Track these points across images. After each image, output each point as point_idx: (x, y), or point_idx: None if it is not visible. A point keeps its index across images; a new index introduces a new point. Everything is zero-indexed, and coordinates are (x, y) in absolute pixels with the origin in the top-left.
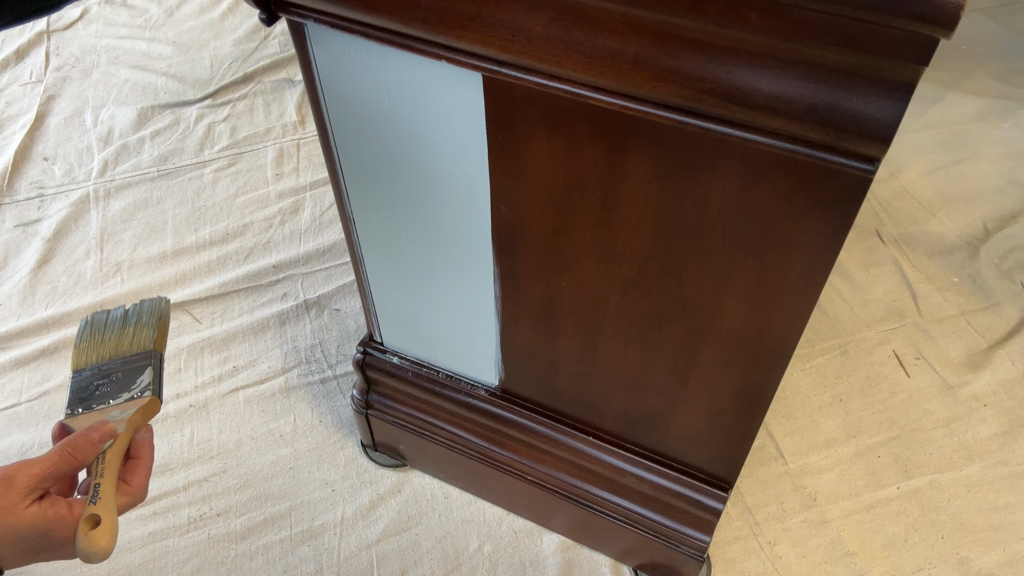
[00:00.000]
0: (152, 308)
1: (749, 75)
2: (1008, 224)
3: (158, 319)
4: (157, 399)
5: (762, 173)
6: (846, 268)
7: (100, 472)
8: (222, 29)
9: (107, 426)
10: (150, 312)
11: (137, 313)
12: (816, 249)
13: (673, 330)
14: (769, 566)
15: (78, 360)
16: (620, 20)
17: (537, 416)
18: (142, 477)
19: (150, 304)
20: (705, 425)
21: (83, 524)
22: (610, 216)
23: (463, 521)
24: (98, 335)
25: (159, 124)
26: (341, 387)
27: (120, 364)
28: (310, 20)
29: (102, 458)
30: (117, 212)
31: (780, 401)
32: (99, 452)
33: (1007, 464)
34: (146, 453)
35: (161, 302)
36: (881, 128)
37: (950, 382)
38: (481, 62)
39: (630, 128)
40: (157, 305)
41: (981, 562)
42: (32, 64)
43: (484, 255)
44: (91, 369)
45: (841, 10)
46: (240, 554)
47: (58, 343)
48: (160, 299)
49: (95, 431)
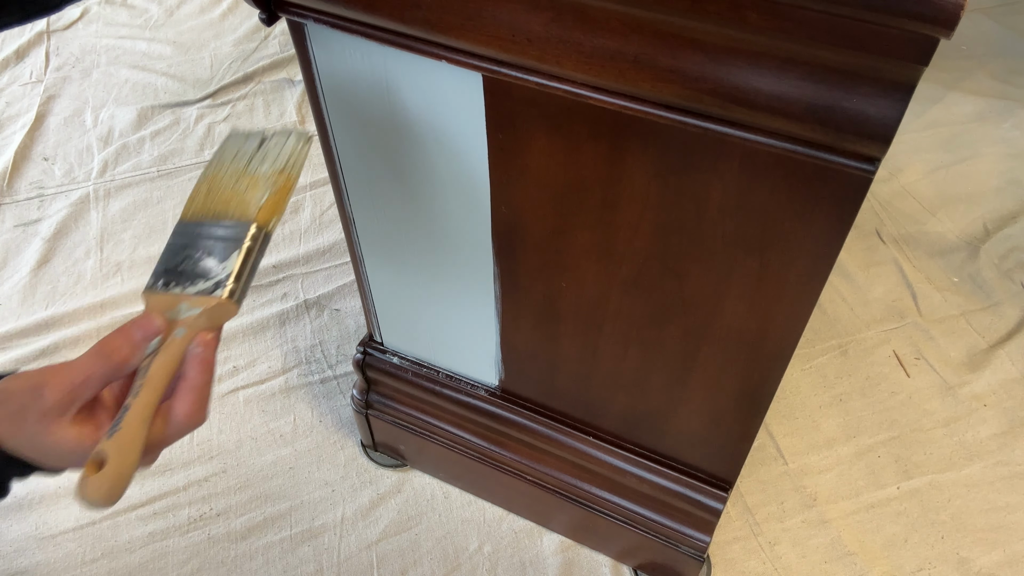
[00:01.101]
0: (279, 152)
1: (749, 75)
2: (1008, 224)
3: (280, 170)
4: (233, 303)
5: (762, 173)
6: (846, 268)
7: (137, 390)
8: (222, 29)
9: (154, 322)
10: (276, 158)
11: (265, 154)
12: (816, 249)
13: (673, 330)
14: (769, 566)
15: (189, 207)
16: (620, 20)
17: (537, 416)
18: (188, 402)
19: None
20: (705, 425)
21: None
22: (610, 216)
23: (463, 521)
24: (220, 175)
25: (159, 124)
26: (341, 387)
27: (219, 232)
28: (310, 20)
29: (146, 369)
30: (117, 212)
31: (780, 401)
32: (144, 355)
33: (1007, 464)
34: (197, 371)
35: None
36: (881, 128)
37: (950, 382)
38: (481, 62)
39: (630, 128)
40: (288, 148)
41: (981, 562)
42: (32, 64)
43: (484, 255)
44: (194, 226)
45: (841, 10)
46: (240, 554)
47: (58, 343)
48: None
49: (137, 327)
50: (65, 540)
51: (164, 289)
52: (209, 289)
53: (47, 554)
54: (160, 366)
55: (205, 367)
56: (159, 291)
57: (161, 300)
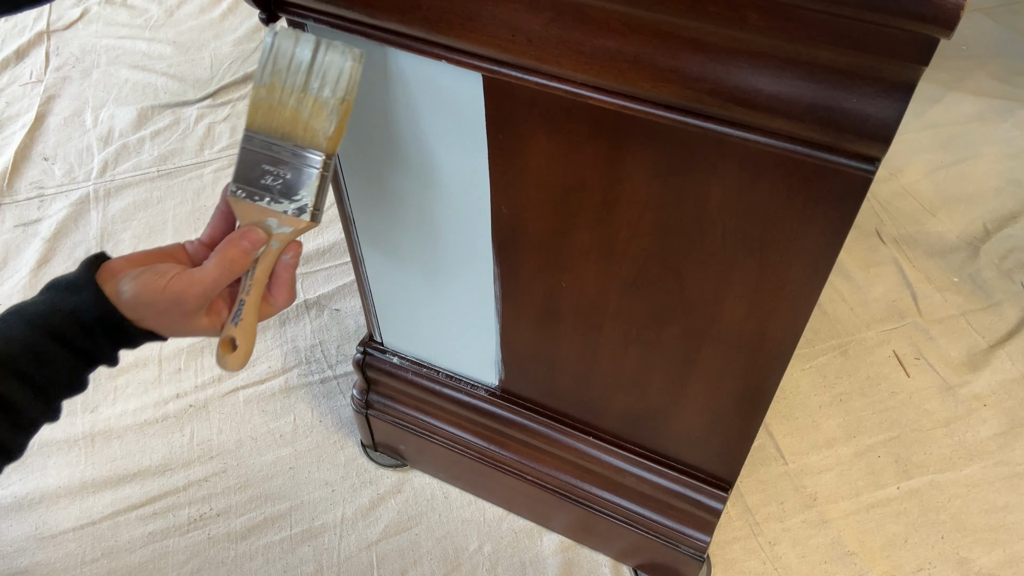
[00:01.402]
0: (338, 75)
1: (749, 75)
2: (1008, 224)
3: (341, 99)
4: (315, 223)
5: (762, 173)
6: (846, 268)
7: (248, 288)
8: (222, 29)
9: (260, 236)
10: (335, 82)
11: (322, 74)
12: (816, 249)
13: (673, 330)
14: (769, 566)
15: (254, 116)
16: (620, 20)
17: (537, 416)
18: (284, 294)
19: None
20: (705, 425)
21: (222, 343)
22: (610, 216)
23: (463, 521)
24: (279, 86)
25: (159, 124)
26: (341, 387)
27: (290, 154)
28: (310, 20)
29: (253, 271)
30: (117, 212)
31: (780, 401)
32: (253, 260)
33: (1007, 464)
34: (288, 273)
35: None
36: (881, 128)
37: (950, 382)
38: (481, 62)
39: (630, 128)
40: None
41: (981, 562)
42: (32, 64)
43: (484, 255)
44: (263, 139)
45: (841, 10)
46: (240, 554)
47: None
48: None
49: (247, 240)
50: (65, 540)
51: (250, 200)
52: (295, 211)
53: (47, 554)
54: (263, 271)
55: (292, 269)
56: (243, 199)
57: (251, 210)
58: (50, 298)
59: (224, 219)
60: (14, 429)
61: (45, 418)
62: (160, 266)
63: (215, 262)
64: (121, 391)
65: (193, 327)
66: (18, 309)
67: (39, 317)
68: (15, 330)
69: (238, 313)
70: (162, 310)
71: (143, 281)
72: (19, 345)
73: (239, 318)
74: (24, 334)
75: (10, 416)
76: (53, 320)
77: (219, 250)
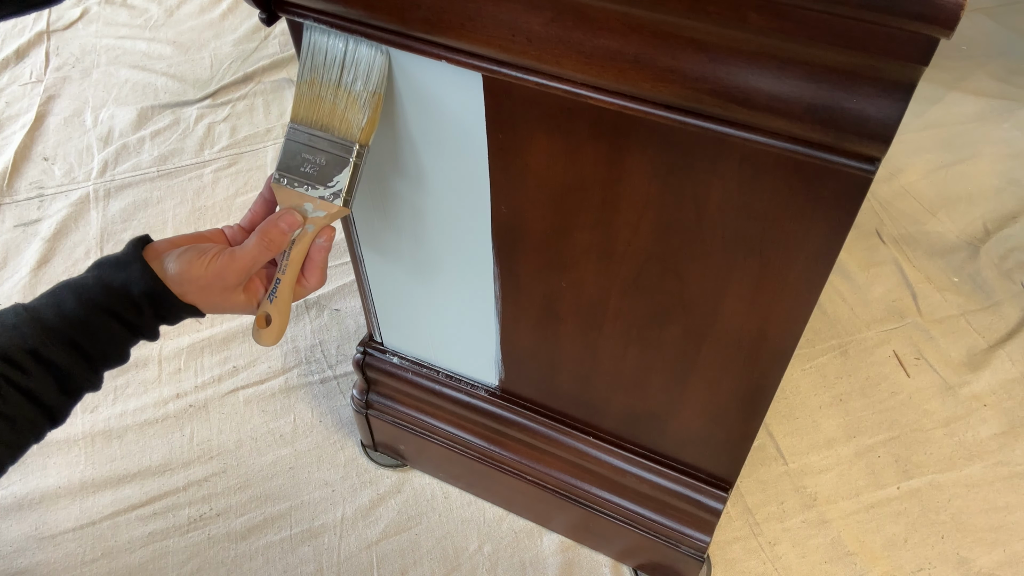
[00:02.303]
0: (368, 70)
1: (749, 75)
2: (1008, 224)
3: (372, 92)
4: (348, 209)
5: (762, 173)
6: (846, 268)
7: (284, 268)
8: (222, 29)
9: (297, 218)
10: (366, 76)
11: (354, 68)
12: (816, 249)
13: (673, 330)
14: (769, 566)
15: (297, 109)
16: (620, 20)
17: (537, 416)
18: (316, 276)
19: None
20: (705, 425)
21: (258, 319)
22: (610, 216)
23: (463, 521)
24: (317, 81)
25: (159, 124)
26: (341, 387)
27: (327, 144)
28: (310, 20)
29: (289, 252)
30: (117, 212)
31: (780, 401)
32: (290, 241)
33: (1007, 464)
34: (321, 255)
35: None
36: (881, 128)
37: (950, 382)
38: (481, 62)
39: (630, 128)
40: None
41: (981, 562)
42: (32, 64)
43: (484, 255)
44: (305, 132)
45: (841, 10)
46: (240, 554)
47: None
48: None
49: (285, 221)
50: (65, 540)
51: (291, 186)
52: (330, 196)
53: (47, 554)
54: (299, 252)
55: (325, 252)
56: (284, 186)
57: (291, 196)
58: (99, 274)
59: (264, 205)
60: (63, 395)
61: (89, 386)
62: (202, 245)
63: (255, 240)
64: (121, 391)
65: (231, 303)
66: (68, 283)
67: (89, 291)
68: (67, 303)
69: (274, 291)
70: (204, 285)
71: (187, 258)
72: (72, 316)
73: (275, 296)
74: (76, 305)
75: (61, 382)
76: (103, 293)
77: (259, 230)
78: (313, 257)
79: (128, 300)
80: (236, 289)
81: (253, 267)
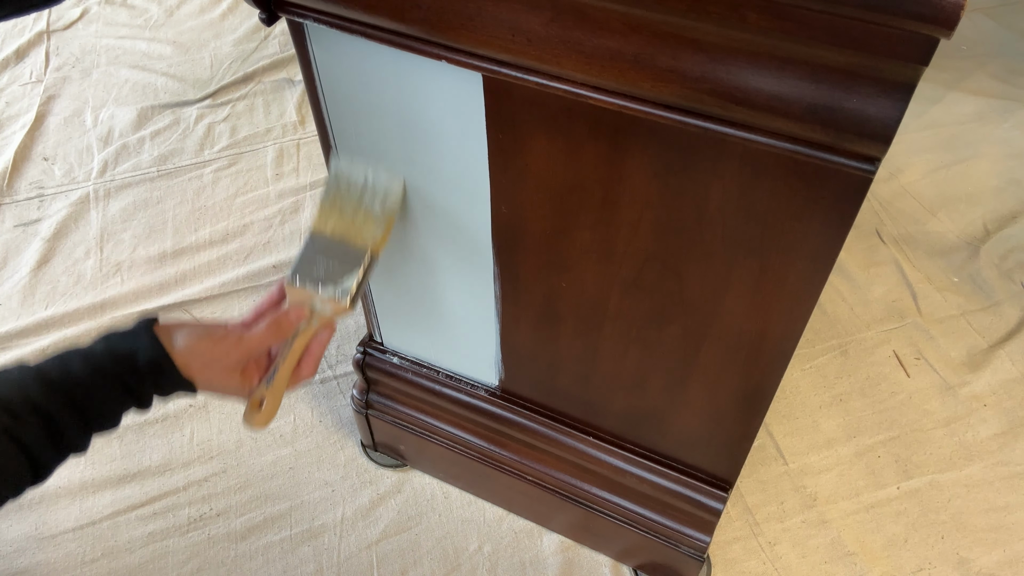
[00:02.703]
0: (387, 194)
1: (749, 75)
2: (1008, 224)
3: (389, 216)
4: (352, 309)
5: (762, 173)
6: (846, 268)
7: (284, 356)
8: (222, 29)
9: (305, 312)
10: (384, 199)
11: (373, 192)
12: (816, 249)
13: (673, 330)
14: (769, 566)
15: (322, 221)
16: (620, 20)
17: (537, 416)
18: (311, 366)
19: (386, 186)
20: (705, 425)
21: (252, 403)
22: (610, 216)
23: (463, 521)
24: (343, 198)
25: (159, 124)
26: (341, 387)
27: (341, 249)
28: (310, 20)
29: (291, 342)
30: (117, 212)
31: (780, 401)
32: (295, 332)
33: (1007, 464)
34: (319, 348)
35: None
36: (881, 128)
37: (950, 382)
38: (481, 62)
39: (630, 128)
40: (393, 194)
41: (981, 562)
42: (32, 64)
43: (484, 255)
44: (325, 240)
45: (841, 10)
46: (240, 554)
47: (58, 343)
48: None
49: (295, 316)
50: (65, 540)
51: (302, 285)
52: (337, 295)
53: (47, 554)
54: (301, 343)
55: (323, 347)
56: (296, 287)
57: (300, 294)
58: (107, 343)
59: (271, 304)
60: (53, 452)
61: (79, 446)
62: (211, 325)
63: (265, 326)
64: None
65: (227, 383)
66: (76, 349)
67: (96, 357)
68: (74, 364)
69: (271, 377)
70: (208, 361)
71: (197, 334)
72: (76, 376)
73: (271, 381)
74: (82, 368)
75: (55, 439)
76: (110, 359)
77: (271, 318)
78: (312, 350)
79: (132, 366)
80: (235, 371)
81: (257, 350)
